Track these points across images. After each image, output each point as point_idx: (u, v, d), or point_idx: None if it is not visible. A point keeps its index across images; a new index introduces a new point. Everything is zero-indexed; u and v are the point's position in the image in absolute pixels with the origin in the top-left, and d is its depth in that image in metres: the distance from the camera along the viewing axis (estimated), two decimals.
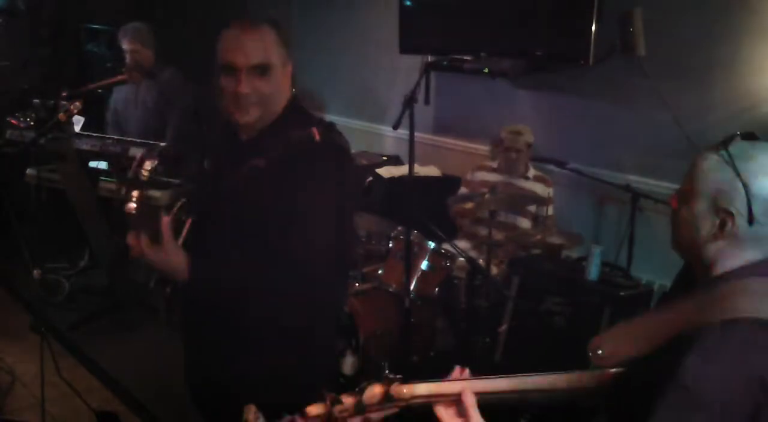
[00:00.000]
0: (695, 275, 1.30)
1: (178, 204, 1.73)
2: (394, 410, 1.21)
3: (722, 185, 1.21)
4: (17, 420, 3.09)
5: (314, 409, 1.17)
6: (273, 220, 1.66)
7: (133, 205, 1.59)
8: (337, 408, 1.17)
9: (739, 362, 1.09)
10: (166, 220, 1.58)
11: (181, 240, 1.68)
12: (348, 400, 1.18)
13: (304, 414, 1.18)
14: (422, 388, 1.20)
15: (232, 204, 1.73)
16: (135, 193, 1.59)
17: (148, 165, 1.62)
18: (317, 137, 1.67)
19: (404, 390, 1.19)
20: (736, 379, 1.09)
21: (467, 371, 1.27)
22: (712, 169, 1.23)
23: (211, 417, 1.93)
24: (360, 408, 1.18)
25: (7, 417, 3.09)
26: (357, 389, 1.20)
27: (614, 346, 1.24)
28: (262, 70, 1.69)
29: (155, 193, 3.73)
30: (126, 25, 4.31)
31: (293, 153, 1.67)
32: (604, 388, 1.23)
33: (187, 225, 1.73)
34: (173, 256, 1.61)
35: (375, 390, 1.18)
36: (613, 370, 1.23)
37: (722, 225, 1.21)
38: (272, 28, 1.73)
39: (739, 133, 1.24)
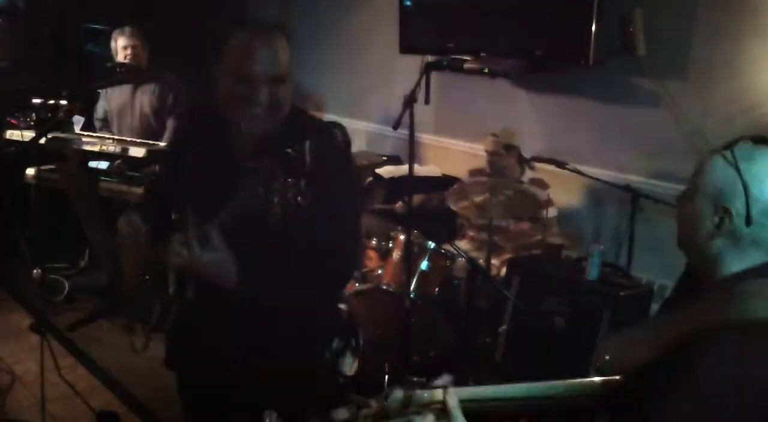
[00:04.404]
0: (699, 278, 1.30)
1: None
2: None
3: (724, 185, 1.23)
4: (17, 420, 3.09)
5: (341, 414, 1.15)
6: (315, 217, 1.63)
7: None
8: (363, 412, 1.15)
9: (756, 366, 1.10)
10: (216, 223, 1.57)
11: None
12: (373, 405, 1.15)
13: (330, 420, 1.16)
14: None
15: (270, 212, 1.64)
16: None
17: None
18: (338, 137, 1.70)
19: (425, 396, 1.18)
20: (754, 383, 1.09)
21: None
22: (716, 168, 1.25)
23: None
24: (385, 414, 1.14)
25: (7, 417, 3.09)
26: (383, 393, 1.18)
27: (621, 353, 1.25)
28: (280, 79, 1.66)
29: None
30: (120, 27, 4.34)
31: (322, 154, 1.63)
32: (611, 395, 1.22)
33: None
34: (225, 259, 1.60)
35: (398, 395, 1.16)
36: (621, 377, 1.23)
37: (720, 222, 1.23)
38: (283, 33, 1.69)
39: (747, 135, 1.26)
